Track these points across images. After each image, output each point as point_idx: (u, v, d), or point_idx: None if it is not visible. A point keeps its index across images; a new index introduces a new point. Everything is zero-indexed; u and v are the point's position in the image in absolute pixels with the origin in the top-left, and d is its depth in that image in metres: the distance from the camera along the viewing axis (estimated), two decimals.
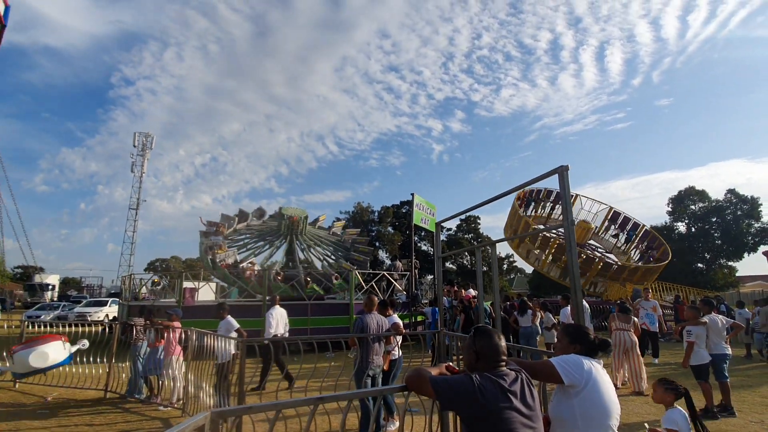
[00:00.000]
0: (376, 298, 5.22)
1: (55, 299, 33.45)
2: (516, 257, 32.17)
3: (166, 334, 6.59)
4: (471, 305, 9.69)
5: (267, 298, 10.95)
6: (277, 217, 19.94)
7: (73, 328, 9.02)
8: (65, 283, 49.74)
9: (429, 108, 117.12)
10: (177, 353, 6.59)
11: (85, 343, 7.16)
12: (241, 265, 16.13)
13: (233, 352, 5.29)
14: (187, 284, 14.14)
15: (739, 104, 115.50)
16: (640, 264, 20.75)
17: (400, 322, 5.42)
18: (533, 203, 23.86)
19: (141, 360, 6.88)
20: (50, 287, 36.85)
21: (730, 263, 34.56)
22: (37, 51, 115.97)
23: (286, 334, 6.61)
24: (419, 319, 13.31)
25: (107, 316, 20.34)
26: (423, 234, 42.21)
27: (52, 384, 7.53)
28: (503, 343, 1.98)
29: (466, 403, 1.78)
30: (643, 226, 23.40)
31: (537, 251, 20.70)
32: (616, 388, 6.76)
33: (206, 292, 15.19)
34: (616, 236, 23.73)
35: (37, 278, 39.00)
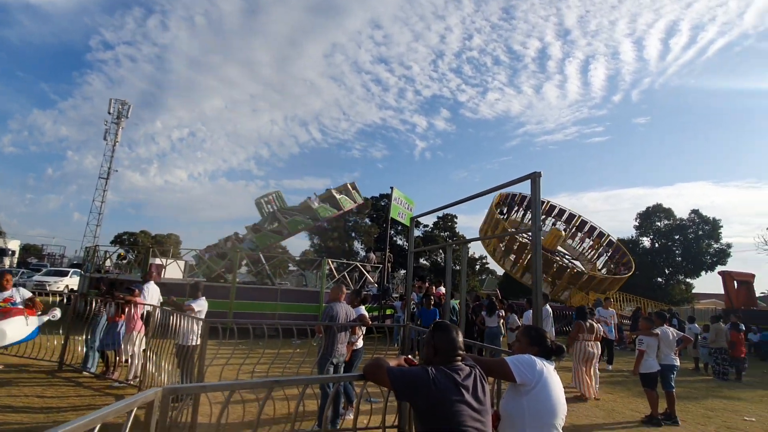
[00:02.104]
0: (345, 288, 5.24)
1: (14, 266, 31.95)
2: (489, 258, 32.77)
3: (127, 310, 6.42)
4: (441, 302, 9.84)
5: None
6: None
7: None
8: (26, 249, 47.50)
9: (415, 104, 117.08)
10: (138, 329, 6.44)
11: (55, 314, 6.45)
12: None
13: (198, 334, 5.15)
14: (155, 260, 13.77)
15: (709, 130, 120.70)
16: (606, 275, 21.53)
17: (367, 314, 5.46)
18: (513, 207, 24.34)
19: (99, 334, 6.69)
20: (10, 252, 35.10)
21: (687, 280, 36.26)
22: (18, 7, 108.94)
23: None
24: (388, 312, 13.42)
25: (67, 287, 19.61)
26: (400, 228, 42.43)
27: (3, 353, 7.23)
28: (461, 338, 2.04)
29: (419, 394, 1.83)
30: (608, 236, 24.25)
31: (508, 254, 21.17)
32: (576, 398, 7.02)
33: (174, 270, 14.85)
34: (590, 248, 24.50)
35: None
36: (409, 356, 2.26)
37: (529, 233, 3.10)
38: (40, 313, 6.24)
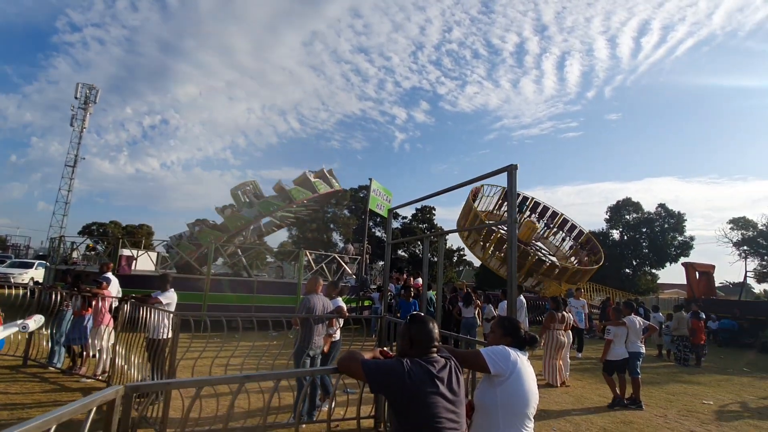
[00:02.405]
0: (321, 280, 5.19)
1: None
2: (466, 250, 33.27)
3: (94, 303, 6.18)
4: (419, 293, 9.91)
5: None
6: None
7: None
8: None
9: (395, 95, 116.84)
10: (106, 323, 6.22)
11: (27, 325, 5.61)
12: None
13: (168, 328, 5.00)
14: (125, 251, 13.31)
15: (676, 127, 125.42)
16: (578, 266, 22.20)
17: (344, 306, 5.44)
18: (487, 198, 24.69)
19: (65, 328, 6.43)
20: None
21: (653, 271, 37.89)
22: None
23: None
24: (366, 303, 13.45)
25: (32, 279, 18.74)
26: (378, 220, 42.46)
27: None
28: (436, 331, 2.04)
29: (394, 386, 1.82)
30: (579, 228, 24.99)
31: (485, 244, 21.54)
32: (546, 385, 7.24)
33: (145, 262, 14.41)
34: (562, 240, 25.18)
35: None
36: (385, 348, 2.25)
37: (506, 225, 3.14)
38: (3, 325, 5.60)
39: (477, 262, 35.97)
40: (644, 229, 36.97)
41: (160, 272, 12.83)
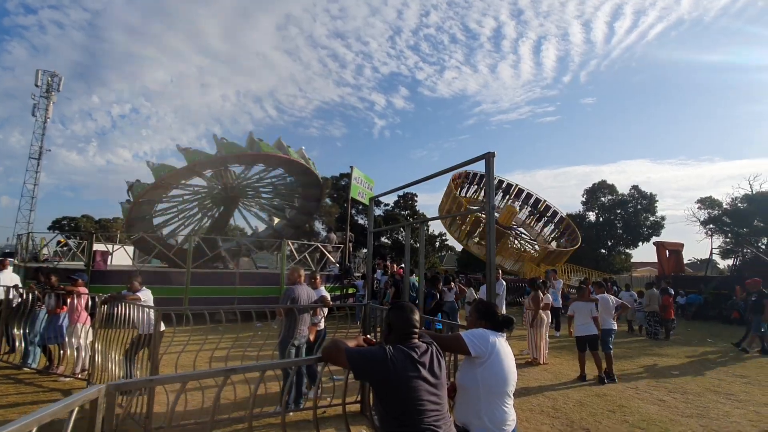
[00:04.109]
0: (302, 270, 5.19)
1: None
2: (448, 236, 33.64)
3: (69, 301, 6.02)
4: (401, 279, 10.04)
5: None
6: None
7: None
8: None
9: (374, 81, 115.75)
10: (83, 321, 6.08)
11: None
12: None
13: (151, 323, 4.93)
14: (98, 246, 12.91)
15: (648, 111, 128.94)
16: (554, 248, 22.81)
17: (328, 295, 5.47)
18: (469, 186, 24.97)
19: (39, 327, 6.25)
20: None
21: (627, 250, 39.26)
22: None
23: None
24: (350, 291, 13.52)
25: None
26: (360, 208, 42.39)
27: None
28: (417, 317, 2.10)
29: (377, 372, 1.87)
30: (560, 214, 25.63)
31: (465, 229, 21.85)
32: (527, 363, 7.53)
33: (121, 257, 14.04)
34: (539, 221, 25.77)
35: None
36: (368, 336, 2.29)
37: (484, 211, 3.20)
38: None
39: (459, 247, 36.51)
40: (619, 211, 38.12)
41: (137, 267, 12.55)
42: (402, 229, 42.91)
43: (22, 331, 6.45)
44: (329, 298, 5.38)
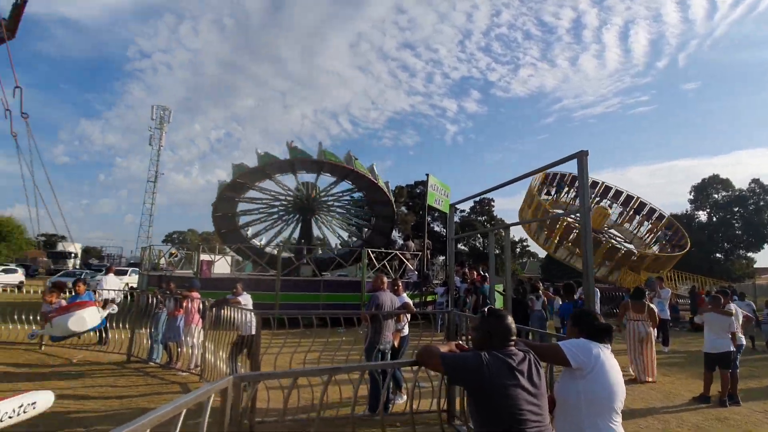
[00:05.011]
0: (384, 277, 5.32)
1: (77, 267, 34.58)
2: (530, 241, 31.94)
3: (185, 304, 6.85)
4: (477, 287, 9.77)
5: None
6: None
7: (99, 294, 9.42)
8: (86, 251, 51.44)
9: (444, 87, 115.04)
10: (196, 322, 6.87)
11: (114, 308, 7.68)
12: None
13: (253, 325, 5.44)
14: (204, 257, 14.51)
15: (765, 93, 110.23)
16: (658, 253, 20.42)
17: (410, 302, 5.52)
18: (552, 187, 23.48)
19: (162, 327, 7.20)
20: (73, 255, 38.05)
21: (748, 254, 33.78)
22: (53, 21, 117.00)
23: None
24: (430, 298, 13.46)
25: (127, 284, 21.05)
26: (436, 215, 42.07)
27: (77, 347, 7.95)
28: (513, 325, 2.04)
29: (473, 378, 1.85)
30: (659, 211, 22.92)
31: (551, 234, 20.53)
32: (631, 381, 6.77)
33: (222, 266, 15.59)
34: (640, 224, 23.26)
35: (60, 246, 40.42)
36: (460, 342, 2.28)
37: (576, 214, 3.01)
38: (103, 307, 7.26)
39: (541, 253, 34.44)
40: (736, 209, 33.06)
41: (236, 275, 13.86)
42: (479, 236, 41.76)
43: (148, 330, 7.48)
44: (412, 304, 5.43)
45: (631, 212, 23.33)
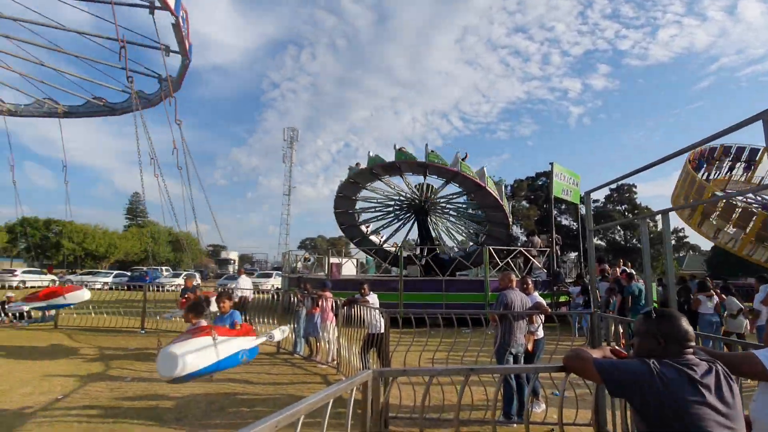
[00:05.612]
0: (513, 275, 4.98)
1: (236, 272, 41.36)
2: (688, 231, 26.97)
3: (320, 302, 7.50)
4: (623, 285, 8.52)
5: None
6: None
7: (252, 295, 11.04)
8: (241, 258, 60.91)
9: (564, 67, 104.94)
10: (330, 319, 7.47)
11: (273, 336, 5.77)
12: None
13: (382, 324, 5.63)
14: (333, 260, 15.80)
15: None
16: None
17: (543, 301, 5.07)
18: (706, 164, 19.39)
19: (303, 324, 8.03)
20: (232, 261, 45.83)
21: None
22: (208, 70, 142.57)
23: None
24: (562, 299, 12.31)
25: (273, 285, 24.21)
26: (563, 207, 38.56)
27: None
28: (690, 327, 1.67)
29: (640, 391, 1.55)
30: None
31: (715, 222, 16.89)
32: None
33: (349, 268, 16.73)
34: None
35: (223, 254, 48.94)
36: (617, 347, 1.96)
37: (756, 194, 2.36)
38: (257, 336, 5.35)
39: (705, 245, 28.75)
40: None
41: (361, 277, 14.73)
42: (618, 228, 36.89)
43: (291, 325, 8.42)
44: (545, 304, 4.99)
45: None
